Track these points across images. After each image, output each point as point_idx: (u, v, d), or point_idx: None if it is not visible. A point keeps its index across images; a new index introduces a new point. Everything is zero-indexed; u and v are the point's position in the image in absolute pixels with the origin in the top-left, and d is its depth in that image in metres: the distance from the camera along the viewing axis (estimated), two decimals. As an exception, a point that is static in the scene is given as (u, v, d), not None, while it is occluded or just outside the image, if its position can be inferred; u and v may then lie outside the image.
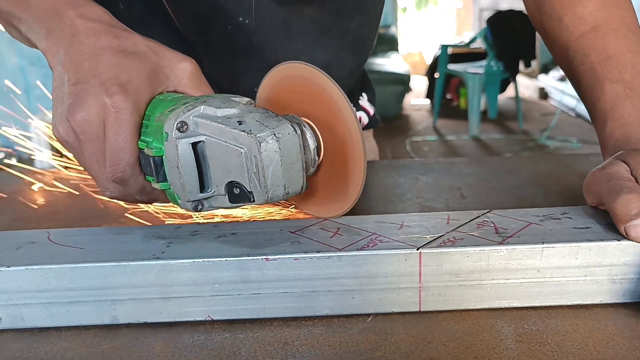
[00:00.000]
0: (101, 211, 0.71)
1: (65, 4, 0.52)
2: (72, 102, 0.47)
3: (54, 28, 0.51)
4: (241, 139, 0.43)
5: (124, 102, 0.47)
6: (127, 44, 0.50)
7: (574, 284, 0.45)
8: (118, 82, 0.47)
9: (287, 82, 0.51)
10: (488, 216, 0.51)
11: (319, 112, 0.49)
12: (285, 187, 0.45)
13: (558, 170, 0.80)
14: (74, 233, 0.52)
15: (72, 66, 0.48)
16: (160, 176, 0.47)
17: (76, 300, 0.46)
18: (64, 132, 0.48)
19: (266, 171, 0.43)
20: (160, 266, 0.45)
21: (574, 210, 0.51)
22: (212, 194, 0.47)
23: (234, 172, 0.45)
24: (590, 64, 0.57)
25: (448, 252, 0.45)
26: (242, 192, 0.45)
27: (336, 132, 0.48)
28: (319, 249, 0.46)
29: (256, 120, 0.45)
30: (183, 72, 0.51)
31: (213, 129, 0.45)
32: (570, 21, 0.60)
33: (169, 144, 0.45)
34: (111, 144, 0.47)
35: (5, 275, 0.46)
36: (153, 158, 0.46)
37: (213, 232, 0.50)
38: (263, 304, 0.46)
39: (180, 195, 0.47)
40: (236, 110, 0.46)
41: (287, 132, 0.44)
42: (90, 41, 0.49)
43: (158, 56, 0.51)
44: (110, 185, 0.50)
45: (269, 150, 0.43)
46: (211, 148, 0.45)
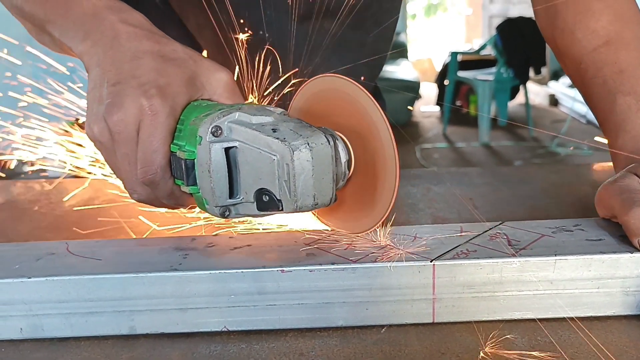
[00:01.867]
0: (116, 222, 0.72)
1: (106, 8, 0.53)
2: (111, 102, 0.48)
3: (93, 31, 0.52)
4: (274, 146, 0.44)
5: (161, 105, 0.47)
6: (167, 49, 0.51)
7: (587, 296, 0.46)
8: (157, 85, 0.48)
9: (322, 95, 0.51)
10: (501, 228, 0.51)
11: (352, 125, 0.48)
12: (314, 198, 0.44)
13: (570, 180, 0.80)
14: (92, 244, 0.53)
15: (113, 67, 0.49)
16: (191, 179, 0.47)
17: (95, 310, 0.47)
18: (98, 132, 0.49)
19: (297, 180, 0.43)
20: (177, 277, 0.46)
21: (587, 222, 0.52)
22: (241, 201, 0.47)
23: (264, 179, 0.45)
24: (602, 77, 0.57)
25: (461, 264, 0.45)
26: (271, 200, 0.45)
27: (369, 147, 0.48)
28: (334, 260, 0.46)
29: (290, 129, 0.45)
30: (219, 81, 0.52)
31: (247, 135, 0.45)
32: (583, 35, 0.60)
33: (202, 147, 0.46)
34: (145, 145, 0.48)
35: (26, 286, 0.46)
36: (185, 161, 0.47)
37: (229, 244, 0.51)
38: (278, 315, 0.47)
39: (209, 200, 0.47)
40: (271, 118, 0.46)
41: (321, 142, 0.44)
42: (131, 45, 0.50)
43: (196, 64, 0.51)
44: (139, 187, 0.50)
45: (301, 159, 0.43)
46: (243, 154, 0.45)
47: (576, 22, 0.61)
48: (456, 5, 11.41)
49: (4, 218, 0.76)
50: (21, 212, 0.78)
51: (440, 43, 10.26)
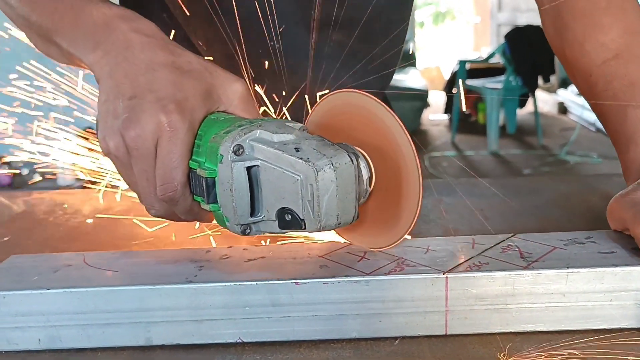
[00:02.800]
0: (128, 232, 0.73)
1: (117, 17, 0.52)
2: (128, 117, 0.47)
3: (104, 40, 0.51)
4: (298, 166, 0.43)
5: (180, 121, 0.47)
6: (183, 61, 0.50)
7: (599, 309, 0.46)
8: (175, 100, 0.47)
9: (341, 109, 0.51)
10: (512, 240, 0.52)
11: (372, 140, 0.48)
12: (338, 217, 0.44)
13: (581, 191, 0.81)
14: (108, 256, 0.54)
15: (127, 80, 0.48)
16: (211, 197, 0.47)
17: (112, 322, 0.47)
18: (114, 147, 0.48)
19: (321, 200, 0.43)
20: (192, 289, 0.47)
21: (598, 235, 0.52)
22: (262, 219, 0.46)
23: (287, 198, 0.44)
24: (612, 90, 0.57)
25: (474, 277, 0.46)
26: (293, 219, 0.45)
27: (390, 162, 0.47)
28: (347, 273, 0.47)
29: (313, 148, 0.44)
30: (235, 93, 0.51)
31: (269, 154, 0.45)
32: (592, 48, 0.60)
33: (223, 166, 0.45)
34: (164, 162, 0.47)
35: (44, 298, 0.47)
36: (205, 179, 0.46)
37: (243, 256, 0.52)
38: (292, 326, 0.47)
39: (230, 218, 0.47)
40: (292, 136, 0.46)
41: (344, 161, 0.44)
42: (145, 55, 0.49)
43: (212, 76, 0.50)
44: (158, 204, 0.50)
45: (325, 180, 0.43)
46: (266, 173, 0.45)
47: (585, 35, 0.62)
48: (464, 13, 11.42)
49: (19, 229, 0.77)
50: (36, 223, 0.79)
51: (449, 51, 10.27)
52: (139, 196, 0.51)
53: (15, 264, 0.53)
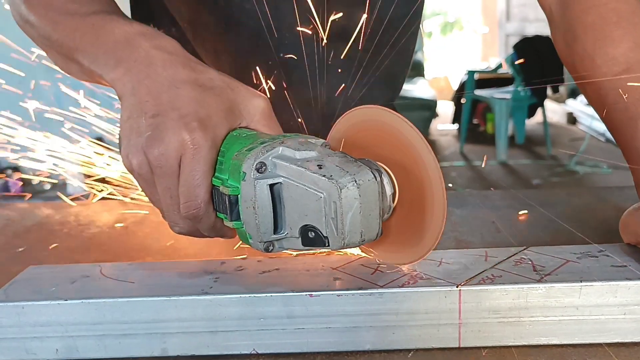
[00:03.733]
0: (142, 244, 0.74)
1: (138, 34, 0.52)
2: (151, 135, 0.47)
3: (125, 58, 0.51)
4: (321, 183, 0.43)
5: (203, 138, 0.47)
6: (205, 78, 0.50)
7: (613, 322, 0.46)
8: (198, 118, 0.47)
9: (363, 125, 0.50)
10: (525, 253, 0.52)
11: (395, 156, 0.48)
12: (362, 235, 0.44)
13: (592, 203, 0.81)
14: (125, 267, 0.54)
15: (150, 97, 0.48)
16: (234, 215, 0.47)
17: (128, 332, 0.48)
18: (137, 164, 0.48)
19: (345, 217, 0.43)
20: (208, 301, 0.47)
21: (611, 248, 0.52)
22: (285, 236, 0.46)
23: (310, 215, 0.44)
24: (623, 103, 0.58)
25: (487, 290, 0.46)
26: (317, 237, 0.45)
27: (413, 178, 0.47)
28: (361, 285, 0.47)
29: (336, 165, 0.44)
30: (256, 109, 0.51)
31: (292, 171, 0.44)
32: (602, 62, 0.61)
33: (246, 183, 0.45)
34: (188, 180, 0.47)
35: (62, 309, 0.48)
36: (229, 197, 0.46)
37: (257, 268, 0.52)
38: (307, 338, 0.47)
39: (253, 235, 0.46)
40: (315, 153, 0.46)
41: (368, 178, 0.44)
42: (168, 73, 0.49)
43: (234, 92, 0.51)
44: (181, 221, 0.50)
45: (349, 197, 0.43)
46: (289, 190, 0.45)
47: (595, 48, 0.62)
48: (472, 23, 11.43)
49: (35, 240, 0.78)
50: (50, 233, 0.80)
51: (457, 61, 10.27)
52: (162, 213, 0.51)
53: (33, 274, 0.53)
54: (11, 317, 0.48)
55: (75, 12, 0.56)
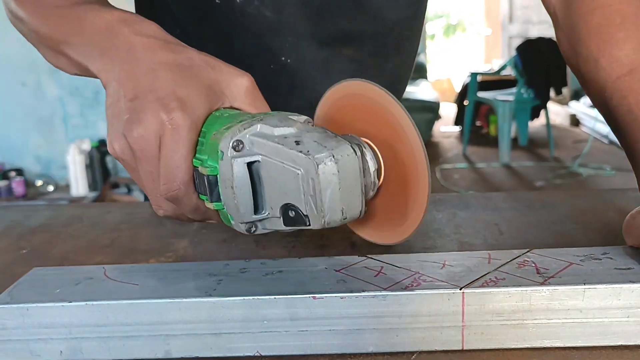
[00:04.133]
0: (146, 245, 0.74)
1: (119, 22, 0.52)
2: (129, 117, 0.46)
3: (109, 46, 0.51)
4: (298, 160, 0.42)
5: (182, 118, 0.46)
6: (183, 58, 0.50)
7: (616, 325, 0.46)
8: (176, 98, 0.46)
9: (347, 100, 0.49)
10: (528, 256, 0.52)
11: (380, 132, 0.47)
12: (343, 212, 0.43)
13: (596, 205, 0.81)
14: (128, 269, 0.54)
15: (129, 81, 0.48)
16: (214, 196, 0.46)
17: (132, 334, 0.48)
18: (119, 149, 0.48)
19: (323, 195, 0.41)
20: (211, 303, 0.47)
21: (615, 250, 0.52)
22: (267, 216, 0.45)
23: (289, 194, 0.43)
24: (627, 105, 0.58)
25: (490, 292, 0.46)
26: (297, 216, 0.43)
27: (399, 154, 0.46)
28: (364, 287, 0.47)
29: (314, 141, 0.43)
30: (239, 87, 0.50)
31: (269, 148, 0.43)
32: (606, 63, 0.61)
33: (224, 163, 0.44)
34: (167, 161, 0.46)
35: (66, 310, 0.48)
36: (207, 177, 0.45)
37: (261, 270, 0.52)
38: (310, 340, 0.47)
39: (234, 216, 0.46)
40: (293, 129, 0.44)
41: (347, 153, 0.42)
42: (146, 56, 0.49)
43: (215, 70, 0.50)
44: (164, 203, 0.49)
45: (326, 173, 0.41)
46: (267, 168, 0.44)
47: (599, 50, 0.62)
48: (475, 25, 11.44)
49: (39, 242, 0.78)
50: (55, 235, 0.80)
51: (460, 63, 10.27)
52: (148, 197, 0.51)
53: (37, 276, 0.54)
54: (16, 319, 0.48)
55: (61, 4, 0.57)
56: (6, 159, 4.68)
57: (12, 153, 4.69)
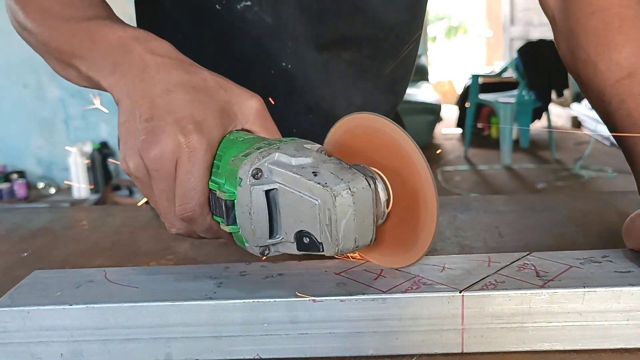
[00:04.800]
0: (147, 248, 0.74)
1: (132, 39, 0.53)
2: (146, 138, 0.47)
3: (121, 62, 0.52)
4: (316, 190, 0.44)
5: (199, 141, 0.47)
6: (197, 79, 0.50)
7: (616, 328, 0.46)
8: (193, 121, 0.47)
9: (358, 131, 0.51)
10: (528, 259, 0.52)
11: (390, 162, 0.49)
12: (355, 241, 0.45)
13: (596, 208, 0.81)
14: (129, 272, 0.55)
15: (145, 101, 0.49)
16: (231, 219, 0.47)
17: (132, 337, 0.48)
18: (134, 167, 0.49)
19: (339, 224, 0.44)
20: (212, 306, 0.48)
21: (615, 254, 0.52)
22: (281, 240, 0.47)
23: (305, 222, 0.45)
24: (626, 109, 0.58)
25: (490, 295, 0.46)
26: (312, 242, 0.45)
27: (407, 184, 0.48)
28: (364, 290, 0.47)
29: (331, 172, 0.45)
30: (250, 109, 0.51)
31: (288, 178, 0.45)
32: (605, 67, 0.61)
33: (242, 189, 0.46)
34: (183, 182, 0.47)
35: (67, 313, 0.48)
36: (225, 202, 0.47)
37: (261, 273, 0.52)
38: (310, 343, 0.48)
39: (249, 240, 0.47)
40: (310, 159, 0.46)
41: (362, 186, 0.44)
42: (161, 76, 0.50)
43: (227, 93, 0.51)
44: (178, 222, 0.50)
45: (343, 204, 0.43)
46: (284, 196, 0.45)
47: (598, 53, 0.62)
48: (476, 27, 11.44)
49: (40, 244, 0.78)
50: (56, 238, 0.80)
51: (461, 65, 10.28)
52: (160, 215, 0.52)
53: (38, 279, 0.54)
54: (17, 322, 0.48)
55: (71, 17, 0.57)
56: (8, 161, 4.69)
57: (14, 155, 4.70)
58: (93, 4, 0.60)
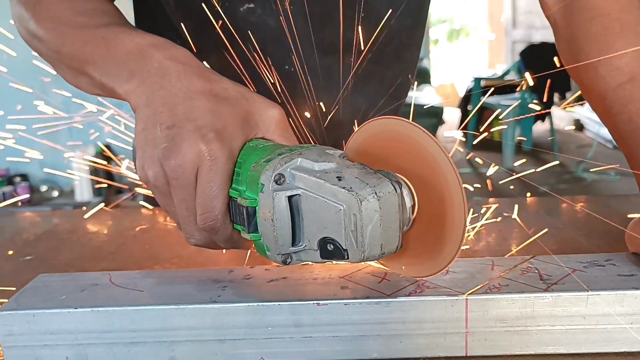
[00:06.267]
0: (151, 252, 0.74)
1: (151, 46, 0.52)
2: (167, 146, 0.46)
3: (139, 70, 0.51)
4: (341, 195, 0.42)
5: (220, 149, 0.46)
6: (219, 88, 0.50)
7: (620, 332, 0.46)
8: (214, 129, 0.47)
9: (381, 136, 0.49)
10: (532, 262, 0.52)
11: (413, 167, 0.47)
12: (382, 247, 0.43)
13: (599, 211, 0.81)
14: (134, 276, 0.55)
15: (165, 108, 0.48)
16: (252, 227, 0.46)
17: (137, 340, 0.49)
18: (153, 176, 0.48)
19: (365, 230, 0.42)
20: (216, 309, 0.48)
21: (618, 257, 0.52)
22: (304, 248, 0.45)
23: (329, 228, 0.44)
24: (628, 113, 0.58)
25: (494, 299, 0.46)
26: (336, 249, 0.44)
27: (433, 189, 0.46)
28: (368, 294, 0.48)
29: (355, 177, 0.43)
30: (271, 119, 0.51)
31: (311, 183, 0.44)
32: (606, 72, 0.61)
33: (264, 195, 0.45)
34: (204, 191, 0.47)
35: (72, 317, 0.48)
36: (246, 208, 0.46)
37: (265, 276, 0.53)
38: (314, 347, 0.48)
39: (271, 247, 0.46)
40: (333, 164, 0.45)
41: (388, 190, 0.43)
42: (182, 84, 0.49)
43: (248, 102, 0.50)
44: (198, 233, 0.49)
45: (369, 209, 0.42)
46: (307, 202, 0.44)
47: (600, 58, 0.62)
48: (479, 30, 11.45)
49: (45, 248, 0.78)
50: (60, 242, 0.81)
51: (463, 68, 10.28)
52: (178, 225, 0.51)
53: (43, 282, 0.54)
54: (22, 325, 0.49)
55: (84, 24, 0.57)
56: (11, 164, 4.70)
57: (17, 158, 4.71)
58: (106, 12, 0.59)
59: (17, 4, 0.62)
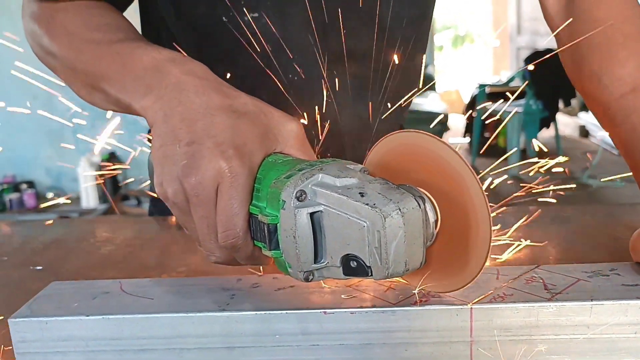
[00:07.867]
0: (158, 260, 0.75)
1: (168, 61, 0.51)
2: (187, 163, 0.46)
3: (156, 85, 0.50)
4: (364, 212, 0.42)
5: (240, 166, 0.46)
6: (238, 103, 0.49)
7: (624, 341, 0.47)
8: (234, 146, 0.46)
9: (402, 150, 0.49)
10: (536, 272, 0.52)
11: (436, 181, 0.46)
12: (406, 264, 0.43)
13: (605, 220, 0.81)
14: (144, 283, 0.56)
15: (184, 124, 0.47)
16: (273, 244, 0.46)
17: (147, 348, 0.49)
18: (172, 193, 0.47)
19: (389, 247, 0.42)
20: (225, 317, 0.48)
21: (623, 267, 0.52)
22: (326, 265, 0.45)
23: (352, 245, 0.43)
24: (631, 124, 0.59)
25: (498, 308, 0.47)
26: (359, 266, 0.43)
27: (456, 204, 0.45)
28: (374, 303, 0.48)
29: (378, 192, 0.43)
30: (290, 133, 0.51)
31: (333, 199, 0.43)
32: (609, 82, 0.62)
33: (286, 212, 0.44)
34: (226, 209, 0.46)
35: (84, 324, 0.49)
36: (268, 225, 0.45)
37: (273, 285, 0.53)
38: (321, 354, 0.48)
39: (293, 265, 0.45)
40: (355, 180, 0.44)
41: (412, 206, 0.42)
42: (201, 99, 0.48)
43: (267, 117, 0.50)
44: (219, 250, 0.49)
45: (393, 226, 0.41)
46: (329, 219, 0.44)
47: (602, 69, 0.63)
48: (483, 37, 11.45)
49: (54, 257, 0.79)
50: (69, 250, 0.82)
51: (468, 75, 10.28)
52: (198, 242, 0.50)
53: (56, 290, 0.55)
54: (35, 332, 0.49)
55: (99, 40, 0.57)
56: (17, 171, 4.73)
57: (23, 165, 4.73)
58: (121, 27, 0.59)
59: (29, 20, 0.63)
